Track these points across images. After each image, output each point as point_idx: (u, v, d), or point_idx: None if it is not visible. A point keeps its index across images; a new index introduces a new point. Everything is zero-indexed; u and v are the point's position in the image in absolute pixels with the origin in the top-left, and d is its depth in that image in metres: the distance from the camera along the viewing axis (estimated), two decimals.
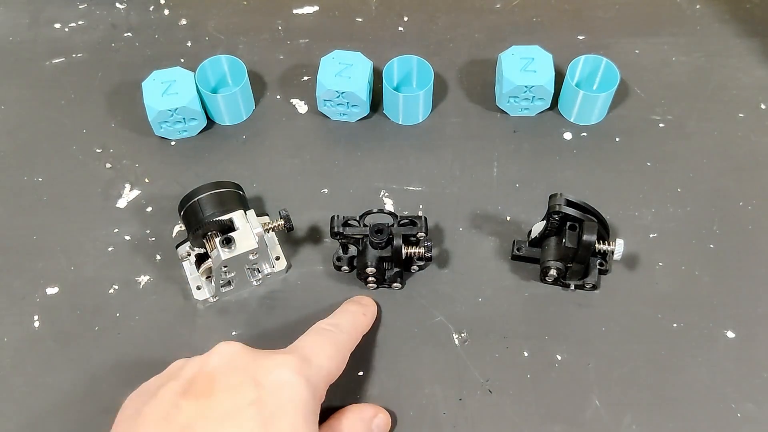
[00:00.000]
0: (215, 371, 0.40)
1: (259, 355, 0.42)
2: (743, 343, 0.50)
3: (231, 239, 0.48)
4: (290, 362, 0.41)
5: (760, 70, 0.62)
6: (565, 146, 0.59)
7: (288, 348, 0.44)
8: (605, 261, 0.52)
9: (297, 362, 0.41)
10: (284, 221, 0.51)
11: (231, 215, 0.49)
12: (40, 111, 0.61)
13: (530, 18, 0.66)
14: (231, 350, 0.42)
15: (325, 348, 0.44)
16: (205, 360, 0.41)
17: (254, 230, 0.48)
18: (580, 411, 0.48)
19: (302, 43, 0.65)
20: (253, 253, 0.49)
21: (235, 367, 0.41)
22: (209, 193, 0.49)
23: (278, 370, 0.40)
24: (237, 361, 0.41)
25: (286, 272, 0.53)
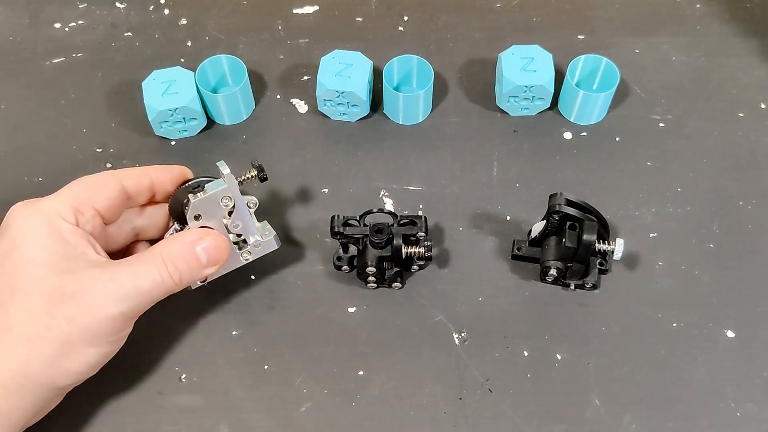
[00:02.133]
0: None
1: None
2: (743, 343, 0.50)
3: (200, 185, 0.47)
4: (19, 206, 0.45)
5: (760, 70, 0.62)
6: (565, 146, 0.59)
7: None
8: (605, 261, 0.52)
9: (27, 201, 0.45)
10: (257, 171, 0.49)
11: (204, 179, 0.48)
12: (40, 111, 0.61)
13: (530, 18, 0.66)
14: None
15: (63, 187, 0.46)
16: None
17: (224, 171, 0.46)
18: (580, 411, 0.48)
19: (302, 43, 0.65)
20: (227, 198, 0.46)
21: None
22: (191, 180, 0.49)
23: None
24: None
25: (277, 244, 0.51)
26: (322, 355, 0.50)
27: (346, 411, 0.48)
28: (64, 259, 0.42)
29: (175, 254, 0.45)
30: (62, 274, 0.42)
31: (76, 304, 0.42)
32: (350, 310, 0.52)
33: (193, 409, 0.48)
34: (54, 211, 0.44)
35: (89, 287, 0.42)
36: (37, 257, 0.42)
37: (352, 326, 0.51)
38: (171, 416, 0.48)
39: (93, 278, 0.42)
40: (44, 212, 0.43)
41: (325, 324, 0.51)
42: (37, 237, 0.43)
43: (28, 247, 0.42)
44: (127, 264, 0.44)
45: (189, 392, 0.49)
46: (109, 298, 0.42)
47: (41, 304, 0.41)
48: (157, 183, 0.48)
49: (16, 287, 0.42)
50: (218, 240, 0.46)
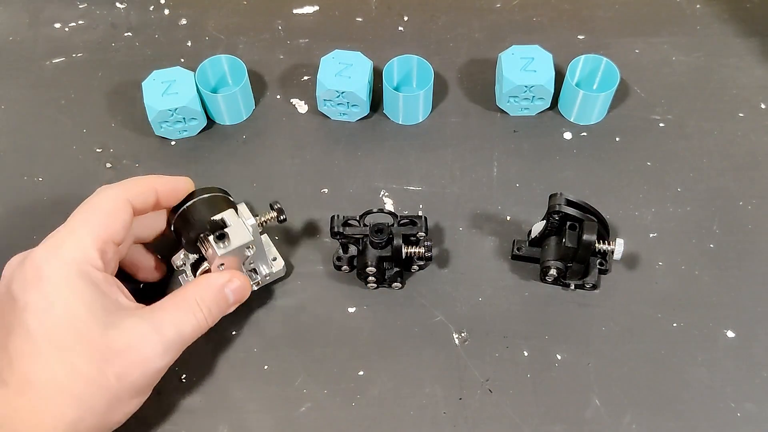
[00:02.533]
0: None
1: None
2: (743, 343, 0.50)
3: (225, 234, 0.47)
4: (40, 253, 0.43)
5: (760, 70, 0.62)
6: (565, 146, 0.59)
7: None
8: (605, 261, 0.52)
9: (47, 247, 0.43)
10: (277, 213, 0.50)
11: (222, 215, 0.48)
12: (40, 111, 0.61)
13: (530, 18, 0.66)
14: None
15: (78, 217, 0.44)
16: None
17: (247, 222, 0.47)
18: (580, 411, 0.48)
19: (302, 43, 0.65)
20: (249, 247, 0.48)
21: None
22: (198, 199, 0.48)
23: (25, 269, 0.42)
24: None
25: (285, 275, 0.53)
26: (322, 355, 0.50)
27: (346, 411, 0.48)
28: (105, 312, 0.42)
29: (209, 299, 0.46)
30: (107, 329, 0.41)
31: (125, 360, 0.42)
32: (350, 310, 0.52)
33: (193, 409, 0.48)
34: (84, 260, 0.42)
35: (136, 343, 0.42)
36: (80, 313, 0.41)
37: (352, 326, 0.51)
38: (171, 416, 0.48)
39: (138, 332, 0.42)
40: (75, 263, 0.42)
41: (325, 324, 0.51)
42: (75, 291, 0.41)
43: (69, 304, 0.41)
44: (165, 311, 0.44)
45: (189, 392, 0.49)
46: (155, 351, 0.43)
47: (91, 362, 0.41)
48: (162, 198, 0.47)
49: (63, 346, 0.40)
50: (244, 281, 0.48)
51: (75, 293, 0.41)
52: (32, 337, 0.40)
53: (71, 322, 0.41)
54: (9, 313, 0.42)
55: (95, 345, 0.41)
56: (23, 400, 0.39)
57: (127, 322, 0.42)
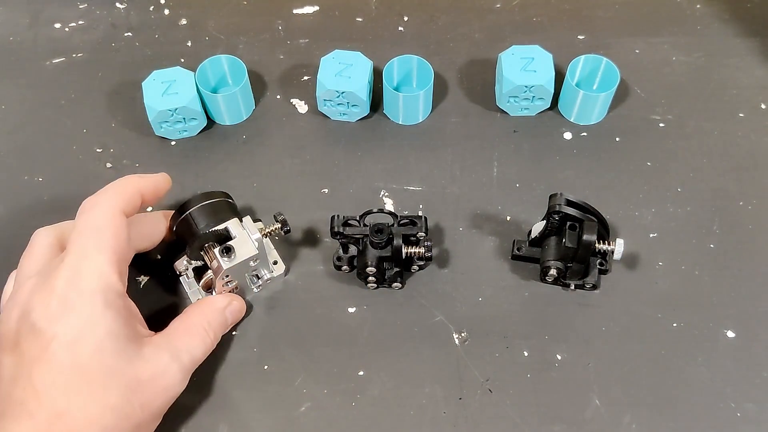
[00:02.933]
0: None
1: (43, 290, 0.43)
2: (743, 343, 0.50)
3: (231, 248, 0.47)
4: (60, 282, 0.42)
5: (760, 70, 0.62)
6: (565, 146, 0.59)
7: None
8: (605, 261, 0.52)
9: (67, 277, 0.42)
10: (281, 225, 0.50)
11: (226, 224, 0.48)
12: (40, 111, 0.61)
13: (530, 18, 0.66)
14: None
15: (86, 242, 0.44)
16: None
17: (252, 236, 0.48)
18: (580, 411, 0.48)
19: (302, 43, 0.65)
20: (254, 260, 0.49)
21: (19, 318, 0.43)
22: (201, 205, 0.48)
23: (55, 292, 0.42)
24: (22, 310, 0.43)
25: (285, 276, 0.53)
26: (322, 355, 0.50)
27: (346, 411, 0.48)
28: (129, 343, 0.43)
29: (215, 323, 0.48)
30: (132, 360, 0.42)
31: (151, 391, 0.43)
32: (350, 310, 0.52)
33: (193, 409, 0.48)
34: (107, 288, 0.43)
35: (160, 373, 0.44)
36: (108, 346, 0.42)
37: (352, 326, 0.51)
38: (171, 416, 0.48)
39: (161, 362, 0.44)
40: (100, 292, 0.42)
41: (325, 324, 0.51)
42: (102, 324, 0.42)
43: (97, 336, 0.41)
44: (179, 339, 0.46)
45: (189, 392, 0.49)
46: (176, 379, 0.45)
47: (120, 395, 0.42)
48: (145, 200, 0.48)
49: (92, 379, 0.41)
50: (241, 304, 0.51)
51: (104, 326, 0.42)
52: (62, 371, 0.40)
53: (101, 356, 0.41)
54: (31, 343, 0.41)
55: (123, 377, 0.42)
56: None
57: (147, 351, 0.44)
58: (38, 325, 0.41)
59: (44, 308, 0.42)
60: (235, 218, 0.49)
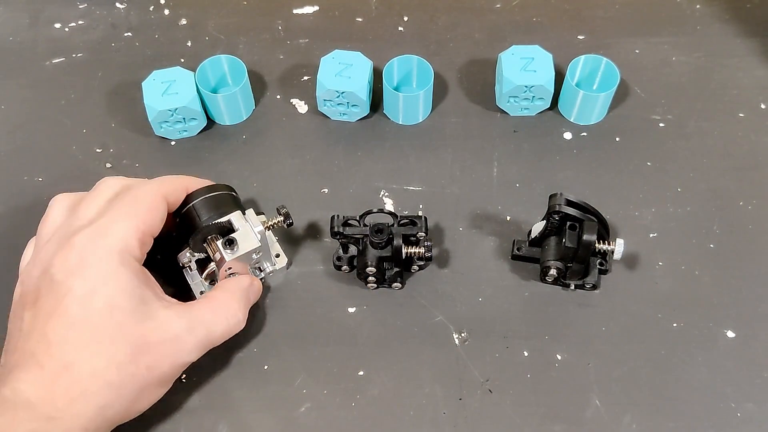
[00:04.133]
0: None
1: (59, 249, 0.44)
2: (743, 343, 0.50)
3: (233, 240, 0.48)
4: (82, 239, 0.43)
5: (760, 70, 0.62)
6: (565, 146, 0.59)
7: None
8: (605, 261, 0.52)
9: (89, 235, 0.44)
10: (284, 218, 0.51)
11: (229, 217, 0.48)
12: (40, 111, 0.61)
13: (530, 18, 0.66)
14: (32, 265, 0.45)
15: (121, 209, 0.45)
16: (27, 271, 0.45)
17: (255, 229, 0.48)
18: (580, 411, 0.48)
19: (302, 43, 0.65)
20: (257, 252, 0.49)
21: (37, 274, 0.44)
22: (204, 198, 0.49)
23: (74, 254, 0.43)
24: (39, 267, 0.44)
25: (287, 268, 0.53)
26: (322, 355, 0.50)
27: (346, 411, 0.48)
28: (142, 303, 0.43)
29: (240, 302, 0.48)
30: (145, 321, 0.43)
31: (158, 353, 0.43)
32: (350, 310, 0.52)
33: (193, 408, 0.48)
34: (126, 249, 0.44)
35: (170, 338, 0.44)
36: (120, 303, 0.42)
37: (352, 326, 0.51)
38: (171, 416, 0.48)
39: (173, 327, 0.44)
40: (118, 252, 0.43)
41: (325, 324, 0.51)
42: (117, 281, 0.43)
43: (111, 293, 0.42)
44: (200, 311, 0.46)
45: (189, 392, 0.49)
46: (186, 348, 0.45)
47: (127, 352, 0.42)
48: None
49: (101, 334, 0.42)
50: (260, 285, 0.51)
51: (117, 283, 0.43)
52: (74, 324, 0.41)
53: (112, 312, 0.42)
54: (48, 297, 0.42)
55: (132, 335, 0.42)
56: (59, 383, 0.40)
57: (162, 315, 0.44)
58: (56, 278, 0.42)
59: (63, 262, 0.43)
60: (238, 211, 0.49)
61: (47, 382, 0.40)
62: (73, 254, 0.43)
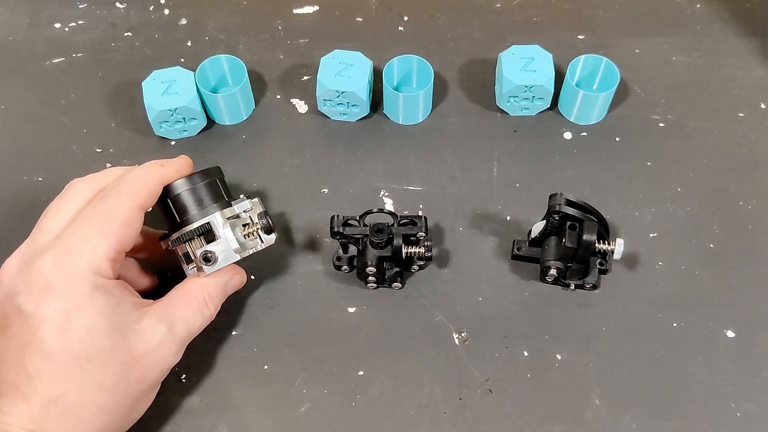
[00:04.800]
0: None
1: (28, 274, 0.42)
2: (743, 343, 0.50)
3: (210, 257, 0.45)
4: (47, 263, 0.41)
5: (760, 70, 0.62)
6: (565, 146, 0.59)
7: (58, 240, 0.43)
8: (605, 261, 0.52)
9: (56, 257, 0.41)
10: (263, 228, 0.47)
11: (209, 218, 0.45)
12: (40, 111, 0.61)
13: (530, 18, 0.66)
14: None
15: (91, 225, 0.43)
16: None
17: (232, 245, 0.46)
18: (580, 411, 0.48)
19: (302, 43, 0.65)
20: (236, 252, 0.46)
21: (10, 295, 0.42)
22: (182, 192, 0.46)
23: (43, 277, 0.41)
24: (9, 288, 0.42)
25: (273, 241, 0.48)
26: (322, 355, 0.50)
27: (346, 411, 0.48)
28: (124, 321, 0.42)
29: (215, 295, 0.47)
30: (128, 337, 0.42)
31: (146, 364, 0.43)
32: (350, 310, 0.52)
33: (193, 409, 0.48)
34: (96, 272, 0.42)
35: (154, 347, 0.43)
36: (101, 327, 0.41)
37: (352, 326, 0.51)
38: (171, 416, 0.48)
39: (155, 334, 0.43)
40: (87, 275, 0.41)
41: (325, 324, 0.51)
42: (91, 304, 0.41)
43: (89, 319, 0.41)
44: (176, 309, 0.45)
45: (189, 392, 0.49)
46: (171, 351, 0.44)
47: (116, 373, 0.41)
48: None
49: (85, 362, 0.40)
50: (242, 278, 0.50)
51: (94, 308, 0.41)
52: (53, 356, 0.40)
53: (92, 337, 0.41)
54: (19, 327, 0.40)
55: (118, 355, 0.41)
56: (49, 417, 0.39)
57: (143, 325, 0.43)
58: (24, 308, 0.40)
59: (29, 291, 0.41)
60: (218, 212, 0.46)
61: (36, 416, 0.39)
62: (39, 281, 0.41)
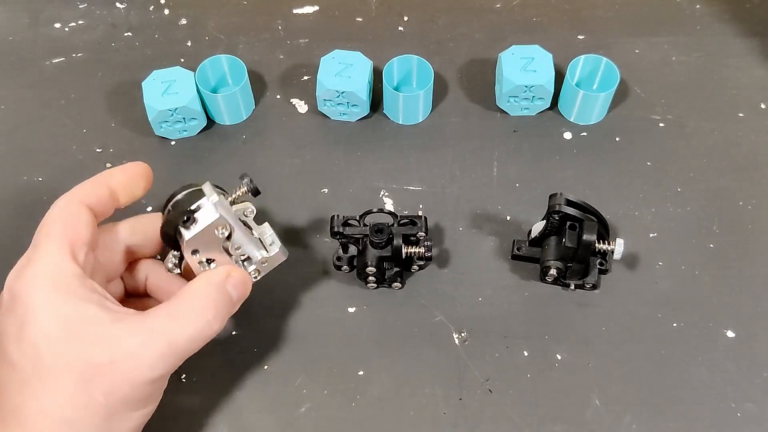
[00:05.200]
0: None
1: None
2: (743, 343, 0.50)
3: (190, 217, 0.42)
4: (11, 276, 0.41)
5: (760, 70, 0.62)
6: (565, 146, 0.59)
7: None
8: (605, 261, 0.52)
9: (18, 268, 0.41)
10: (248, 186, 0.45)
11: (198, 203, 0.43)
12: (40, 111, 0.61)
13: (530, 18, 0.66)
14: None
15: (41, 233, 0.42)
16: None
17: (210, 199, 0.43)
18: (580, 411, 0.48)
19: (302, 42, 0.65)
20: (221, 227, 0.43)
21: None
22: (179, 197, 0.45)
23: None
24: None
25: (285, 258, 0.47)
26: (322, 355, 0.50)
27: (346, 411, 0.48)
28: (83, 325, 0.39)
29: (213, 302, 0.41)
30: (87, 344, 0.38)
31: (110, 376, 0.38)
32: (350, 310, 0.52)
33: (193, 409, 0.48)
34: (56, 269, 0.40)
35: (121, 356, 0.39)
36: (54, 331, 0.38)
37: (352, 326, 0.51)
38: (171, 416, 0.48)
39: (124, 345, 0.39)
40: (46, 275, 0.39)
41: (325, 324, 0.51)
42: (47, 307, 0.39)
43: (42, 322, 0.38)
44: (157, 320, 0.40)
45: (189, 392, 0.49)
46: (145, 364, 0.39)
47: (74, 382, 0.38)
48: (119, 191, 0.45)
49: (41, 369, 0.38)
50: (242, 274, 0.44)
51: (49, 311, 0.39)
52: (14, 366, 0.38)
53: (48, 343, 0.38)
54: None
55: (75, 363, 0.38)
56: (10, 427, 0.38)
57: (111, 331, 0.39)
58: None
59: (1, 306, 0.40)
60: (205, 190, 0.44)
61: (2, 430, 0.38)
62: (5, 293, 0.40)
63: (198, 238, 0.43)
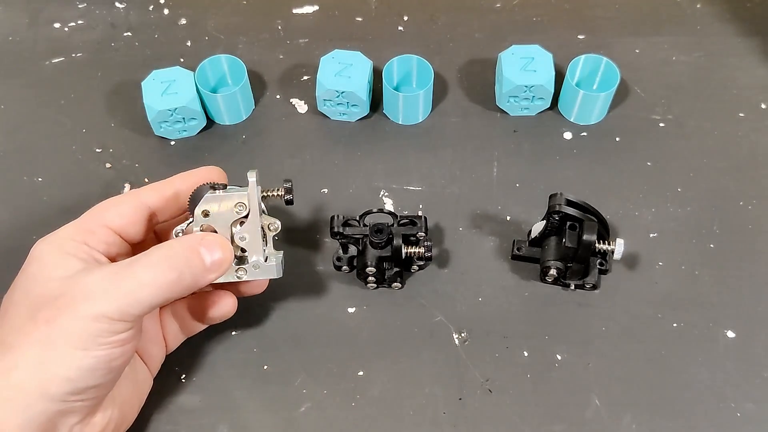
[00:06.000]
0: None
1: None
2: (743, 343, 0.50)
3: (225, 186, 0.44)
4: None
5: (760, 70, 0.62)
6: (565, 146, 0.59)
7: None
8: (605, 261, 0.52)
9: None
10: (285, 192, 0.46)
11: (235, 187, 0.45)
12: (40, 111, 0.61)
13: (530, 18, 0.66)
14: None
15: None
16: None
17: (250, 178, 0.44)
18: (580, 411, 0.48)
19: (302, 42, 0.65)
20: (240, 204, 0.44)
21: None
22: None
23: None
24: None
25: (277, 274, 0.47)
26: (322, 355, 0.50)
27: (346, 411, 0.48)
28: (54, 269, 0.41)
29: (175, 255, 0.41)
30: (48, 282, 0.41)
31: (54, 305, 0.39)
32: (350, 310, 0.52)
33: (193, 409, 0.48)
34: (65, 236, 0.43)
35: (69, 290, 0.40)
36: (33, 272, 0.42)
37: (352, 326, 0.51)
38: (171, 416, 0.48)
39: (77, 281, 0.40)
40: (55, 239, 0.43)
41: (325, 324, 0.51)
42: (40, 259, 0.42)
43: (31, 269, 0.42)
44: (119, 266, 0.41)
45: (189, 392, 0.49)
46: (87, 298, 0.39)
47: (26, 312, 0.40)
48: (182, 191, 0.46)
49: (11, 307, 0.41)
50: (220, 240, 0.43)
51: (39, 260, 0.42)
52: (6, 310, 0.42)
53: (25, 282, 0.42)
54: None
55: (34, 297, 0.40)
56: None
57: (72, 275, 0.41)
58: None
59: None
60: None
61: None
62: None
63: (217, 199, 0.44)
